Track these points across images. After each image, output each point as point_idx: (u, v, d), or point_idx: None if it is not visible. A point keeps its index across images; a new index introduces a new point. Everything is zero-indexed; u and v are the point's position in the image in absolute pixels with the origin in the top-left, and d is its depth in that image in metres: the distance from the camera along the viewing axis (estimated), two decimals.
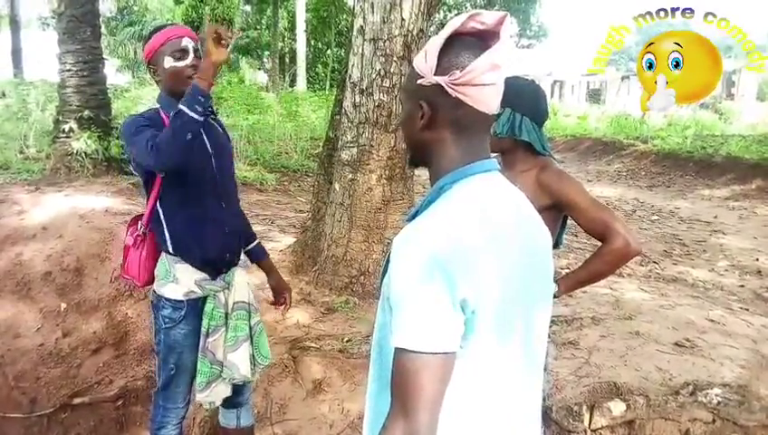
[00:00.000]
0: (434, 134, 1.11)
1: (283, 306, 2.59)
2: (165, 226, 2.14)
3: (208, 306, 2.20)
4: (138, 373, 3.67)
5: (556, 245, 2.08)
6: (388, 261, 1.10)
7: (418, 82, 1.08)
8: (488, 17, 1.06)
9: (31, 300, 4.10)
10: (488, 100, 1.07)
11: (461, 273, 0.98)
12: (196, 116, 1.87)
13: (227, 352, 2.23)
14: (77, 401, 3.59)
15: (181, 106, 1.86)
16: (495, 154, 2.08)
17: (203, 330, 2.20)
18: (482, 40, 1.07)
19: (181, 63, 2.08)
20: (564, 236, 2.15)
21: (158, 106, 2.16)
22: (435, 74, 1.06)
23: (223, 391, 2.28)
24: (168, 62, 2.08)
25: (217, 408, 2.55)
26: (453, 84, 1.04)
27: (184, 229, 2.14)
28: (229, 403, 2.49)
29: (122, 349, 3.90)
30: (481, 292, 1.00)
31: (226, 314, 2.24)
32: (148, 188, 2.15)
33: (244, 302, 2.28)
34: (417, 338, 0.97)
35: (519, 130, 1.97)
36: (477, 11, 1.08)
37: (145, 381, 3.57)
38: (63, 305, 4.08)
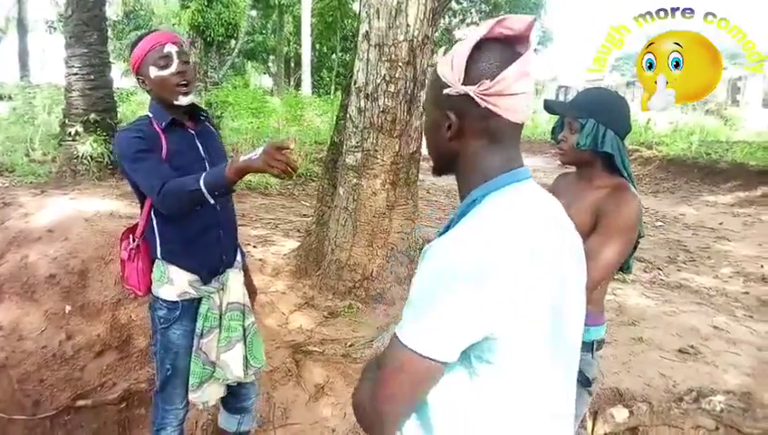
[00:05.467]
0: (462, 144, 1.07)
1: None
2: (158, 238, 2.16)
3: (203, 308, 2.21)
4: (141, 376, 3.67)
5: (626, 268, 2.05)
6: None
7: (445, 91, 1.04)
8: (516, 22, 1.03)
9: (35, 302, 4.11)
10: (519, 109, 1.03)
11: (490, 286, 0.95)
12: (210, 199, 1.88)
13: (221, 353, 2.24)
14: (80, 403, 3.59)
15: (201, 184, 1.85)
16: (572, 165, 2.06)
17: (197, 331, 2.21)
18: (509, 45, 1.04)
19: (166, 72, 2.05)
20: (633, 259, 2.09)
21: (149, 114, 2.14)
22: (462, 84, 1.02)
23: (216, 391, 2.29)
24: (154, 72, 2.05)
25: (218, 410, 2.56)
26: (483, 94, 1.00)
27: (179, 240, 2.15)
28: (234, 408, 2.49)
29: (126, 352, 3.91)
30: (512, 307, 0.97)
31: (220, 316, 2.25)
32: (140, 197, 2.17)
33: (238, 302, 2.29)
34: (418, 338, 0.96)
35: (602, 143, 1.92)
36: (505, 16, 1.04)
37: (148, 384, 3.57)
38: (68, 308, 4.08)
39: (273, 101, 15.32)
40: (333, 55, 29.61)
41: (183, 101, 2.09)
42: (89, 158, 7.14)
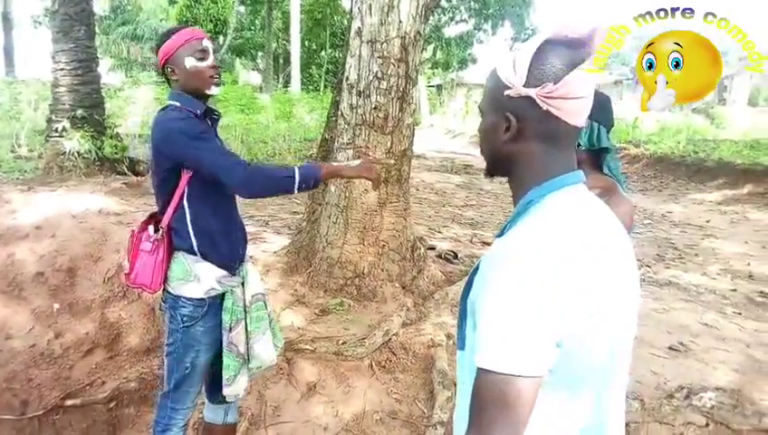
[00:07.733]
0: (520, 147, 1.06)
1: None
2: (190, 225, 2.14)
3: (227, 302, 2.23)
4: (130, 375, 3.64)
5: None
6: (471, 278, 1.05)
7: (506, 93, 1.03)
8: (581, 27, 1.02)
9: (23, 300, 4.06)
10: (580, 112, 1.03)
11: (560, 290, 0.92)
12: (295, 190, 2.05)
13: (253, 343, 2.31)
14: (69, 402, 3.55)
15: (296, 175, 2.03)
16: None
17: (224, 326, 2.23)
18: (572, 49, 1.02)
19: (203, 64, 2.12)
20: None
21: (175, 103, 2.13)
22: (525, 86, 1.01)
23: (244, 382, 2.35)
24: (190, 63, 2.11)
25: (203, 404, 2.56)
26: (545, 97, 1.00)
27: (213, 228, 2.16)
28: (218, 400, 2.49)
29: (115, 350, 3.88)
30: (581, 309, 0.94)
31: (245, 308, 2.30)
32: (168, 186, 2.13)
33: (260, 293, 2.37)
34: (505, 358, 0.91)
35: (598, 140, 1.89)
36: (569, 19, 1.04)
37: (137, 383, 3.54)
38: (56, 306, 4.04)
39: (262, 98, 15.27)
40: (322, 52, 29.52)
41: (214, 90, 2.19)
42: (76, 154, 7.07)
